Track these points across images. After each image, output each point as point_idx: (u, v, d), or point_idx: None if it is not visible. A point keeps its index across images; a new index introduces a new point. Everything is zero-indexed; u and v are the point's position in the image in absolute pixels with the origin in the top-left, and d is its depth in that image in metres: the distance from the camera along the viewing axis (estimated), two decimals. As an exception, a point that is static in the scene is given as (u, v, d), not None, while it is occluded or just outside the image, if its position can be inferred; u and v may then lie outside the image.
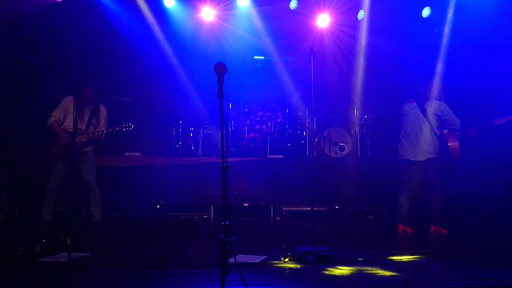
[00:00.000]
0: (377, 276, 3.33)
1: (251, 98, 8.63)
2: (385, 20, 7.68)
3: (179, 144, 7.61)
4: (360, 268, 3.54)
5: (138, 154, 7.09)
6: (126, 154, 6.99)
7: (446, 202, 5.43)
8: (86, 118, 5.50)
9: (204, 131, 7.44)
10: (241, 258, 3.71)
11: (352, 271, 3.44)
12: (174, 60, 7.99)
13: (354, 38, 8.01)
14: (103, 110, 5.66)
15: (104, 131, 5.47)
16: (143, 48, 7.78)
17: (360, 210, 7.03)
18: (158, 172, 6.96)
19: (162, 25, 7.68)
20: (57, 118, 5.47)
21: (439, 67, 6.06)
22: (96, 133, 5.43)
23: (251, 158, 7.37)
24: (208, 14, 7.80)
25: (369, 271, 3.44)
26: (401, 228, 5.38)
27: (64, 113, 5.49)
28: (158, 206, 6.70)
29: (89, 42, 7.00)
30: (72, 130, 5.13)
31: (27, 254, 3.85)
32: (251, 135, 8.31)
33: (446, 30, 7.10)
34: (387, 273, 3.38)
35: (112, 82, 7.53)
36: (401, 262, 3.82)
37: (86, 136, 5.39)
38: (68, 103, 5.53)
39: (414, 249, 4.38)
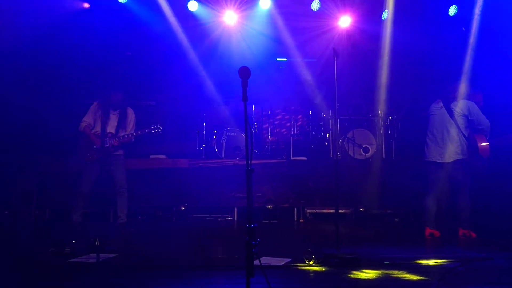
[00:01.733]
0: (403, 280, 3.27)
1: (274, 100, 8.64)
2: (410, 19, 7.56)
3: (202, 147, 7.68)
4: (386, 271, 3.49)
5: (163, 156, 7.20)
6: (151, 156, 7.11)
7: (476, 205, 5.28)
8: (115, 122, 5.63)
9: (227, 133, 7.48)
10: (265, 260, 3.72)
11: (378, 275, 3.39)
12: (197, 63, 8.08)
13: (377, 38, 7.90)
14: (131, 113, 5.77)
15: (134, 133, 5.60)
16: (167, 52, 7.91)
17: (386, 213, 6.91)
18: (182, 174, 7.05)
19: (186, 29, 7.79)
20: (87, 123, 5.63)
21: (467, 66, 5.92)
22: (126, 136, 5.56)
23: (274, 160, 7.37)
24: (230, 17, 7.85)
25: (395, 275, 3.39)
26: (428, 231, 5.26)
27: (94, 118, 5.64)
28: (183, 208, 6.77)
29: (115, 47, 7.16)
30: (109, 134, 5.45)
31: (57, 255, 3.96)
32: (274, 137, 8.32)
33: (474, 28, 6.92)
34: (414, 277, 3.32)
35: (137, 86, 7.66)
36: (428, 266, 3.74)
37: (116, 139, 5.53)
38: (97, 108, 5.68)
39: (442, 253, 4.27)
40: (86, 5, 7.32)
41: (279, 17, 7.86)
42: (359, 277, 3.34)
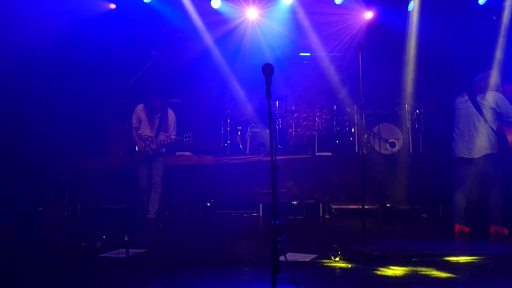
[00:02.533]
0: (432, 277, 3.22)
1: (298, 96, 8.62)
2: (437, 10, 7.37)
3: (227, 143, 7.75)
4: (414, 268, 3.44)
5: (189, 153, 7.31)
6: (177, 153, 7.23)
7: (507, 200, 5.12)
8: (156, 125, 5.91)
9: (252, 130, 7.52)
10: (290, 256, 3.73)
11: (406, 272, 3.35)
12: (221, 60, 8.14)
13: (403, 30, 7.75)
14: (171, 115, 6.01)
15: (173, 138, 5.82)
16: (191, 50, 8.01)
17: (413, 208, 6.78)
18: (207, 171, 7.13)
19: (209, 26, 7.85)
20: (133, 125, 5.93)
21: (497, 57, 5.73)
22: (165, 141, 5.82)
23: (299, 155, 7.36)
24: (253, 13, 7.86)
25: (423, 272, 3.34)
26: (457, 227, 5.14)
27: (138, 120, 5.95)
28: (208, 204, 6.85)
29: (140, 46, 7.30)
30: (145, 136, 5.81)
31: (89, 250, 4.10)
32: (298, 133, 8.29)
33: (505, 16, 6.67)
34: (443, 275, 3.26)
35: (162, 84, 7.79)
36: (458, 263, 3.66)
37: (155, 144, 5.80)
38: (139, 111, 5.97)
39: (472, 250, 4.15)
40: (113, 6, 7.50)
41: (302, 12, 7.82)
42: (386, 274, 3.31)
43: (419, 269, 3.43)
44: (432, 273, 3.32)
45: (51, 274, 3.41)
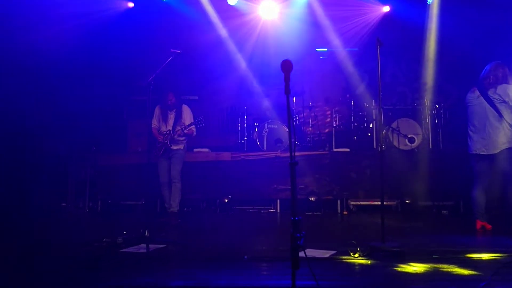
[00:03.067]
0: (453, 274, 3.17)
1: (315, 91, 8.57)
2: (458, 2, 7.22)
3: (244, 139, 7.76)
4: (434, 265, 3.40)
5: (206, 150, 7.36)
6: (195, 150, 7.28)
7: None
8: (171, 121, 6.02)
9: (269, 126, 7.51)
10: (309, 252, 3.72)
11: (426, 269, 3.31)
12: (238, 57, 8.15)
13: (422, 23, 7.62)
14: (186, 110, 6.11)
15: (182, 127, 5.88)
16: (207, 46, 8.04)
17: (433, 205, 6.69)
18: (225, 167, 7.18)
19: (226, 22, 7.87)
20: (154, 125, 6.10)
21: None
22: (181, 129, 5.88)
23: (316, 152, 7.32)
24: (269, 9, 7.84)
25: (444, 269, 3.29)
26: (479, 224, 5.04)
27: (158, 120, 6.10)
28: (226, 200, 6.90)
29: (158, 44, 7.37)
30: (163, 132, 5.95)
31: (110, 245, 4.18)
32: (315, 128, 8.25)
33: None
34: (465, 272, 3.21)
35: (179, 81, 7.86)
36: (480, 261, 3.60)
37: (172, 134, 5.90)
38: (157, 111, 6.13)
39: (495, 247, 4.07)
40: (131, 4, 7.59)
41: (318, 6, 7.77)
42: (406, 270, 3.28)
43: (440, 266, 3.38)
44: (453, 270, 3.27)
45: (75, 268, 3.49)
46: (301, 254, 2.54)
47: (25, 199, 6.91)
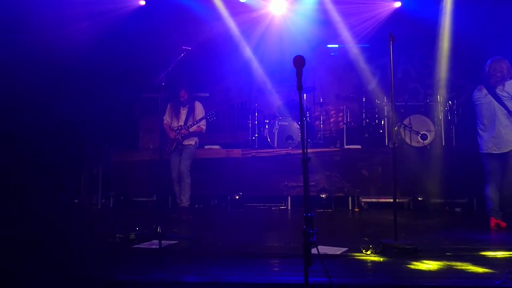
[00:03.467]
0: (468, 272, 3.14)
1: (326, 88, 8.52)
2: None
3: (255, 137, 7.76)
4: (448, 263, 3.36)
5: (217, 147, 7.39)
6: (206, 147, 7.31)
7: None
8: (184, 117, 6.04)
9: (280, 123, 7.49)
10: (321, 249, 3.67)
11: (440, 266, 3.28)
12: (249, 53, 8.14)
13: (435, 18, 7.52)
14: (198, 106, 6.12)
15: (195, 122, 5.93)
16: (218, 43, 8.05)
17: (446, 202, 6.61)
18: (235, 164, 7.20)
19: (237, 19, 7.86)
20: (165, 121, 6.10)
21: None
22: (194, 124, 5.94)
23: (327, 149, 7.30)
24: (279, 4, 7.81)
25: (458, 267, 3.26)
26: (493, 221, 4.97)
27: (170, 116, 6.12)
28: (237, 197, 6.91)
29: (170, 42, 7.41)
30: (175, 127, 5.97)
31: (123, 240, 4.22)
32: (326, 125, 8.22)
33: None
34: (480, 270, 3.17)
35: (191, 78, 7.88)
36: (495, 258, 3.55)
37: (185, 129, 5.93)
38: (169, 107, 6.14)
39: (510, 245, 4.02)
40: (142, 2, 7.63)
41: (329, 2, 7.71)
42: (419, 268, 3.25)
43: (454, 263, 3.34)
44: (468, 268, 3.23)
45: (88, 263, 3.54)
46: (313, 250, 2.54)
47: (39, 195, 7.01)
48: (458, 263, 3.34)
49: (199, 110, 6.09)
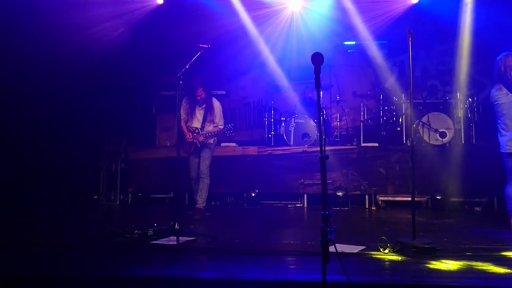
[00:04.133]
0: (489, 272, 3.09)
1: (343, 85, 8.46)
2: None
3: (271, 134, 7.75)
4: (468, 263, 3.31)
5: (234, 144, 7.40)
6: (222, 144, 7.34)
7: None
8: (201, 117, 5.90)
9: (296, 121, 7.47)
10: (338, 247, 3.65)
11: (460, 266, 3.23)
12: (265, 51, 8.13)
13: (454, 15, 7.38)
14: (216, 105, 5.96)
15: (220, 128, 5.80)
16: (235, 41, 8.05)
17: (465, 201, 6.50)
18: (252, 161, 7.21)
19: (253, 16, 7.86)
20: (183, 117, 5.91)
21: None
22: (211, 133, 5.81)
23: (344, 146, 7.25)
24: (296, 2, 7.78)
25: (479, 267, 3.20)
26: (515, 221, 4.87)
27: (186, 113, 5.95)
28: (253, 194, 6.91)
29: (187, 40, 7.45)
30: (192, 128, 5.84)
31: (142, 236, 4.28)
32: (343, 123, 8.16)
33: None
34: (501, 270, 3.12)
35: (208, 76, 7.92)
36: (517, 259, 3.48)
37: (202, 136, 5.80)
38: (184, 103, 5.95)
39: (532, 245, 3.94)
40: (160, 1, 7.70)
41: (347, -1, 7.64)
42: (438, 267, 3.21)
43: (474, 263, 3.29)
44: (488, 268, 3.18)
45: (106, 258, 3.61)
46: (331, 248, 2.53)
47: (59, 192, 7.17)
48: (479, 263, 3.28)
49: (217, 110, 5.92)
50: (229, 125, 5.74)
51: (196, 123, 5.91)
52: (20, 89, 6.78)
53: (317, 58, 2.63)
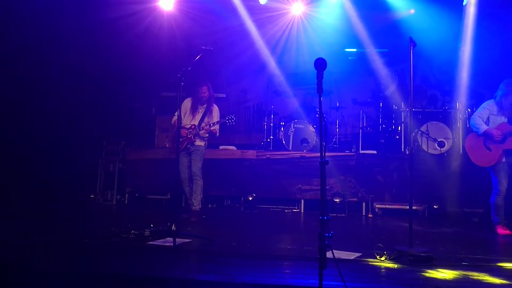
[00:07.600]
0: (484, 283, 3.08)
1: (343, 92, 8.48)
2: (495, 3, 7.00)
3: (270, 139, 7.75)
4: (464, 272, 3.31)
5: (232, 147, 7.40)
6: (221, 147, 7.33)
7: None
8: (199, 116, 5.87)
9: (295, 126, 7.48)
10: (335, 253, 3.68)
11: (456, 276, 3.23)
12: (267, 55, 8.15)
13: (456, 25, 7.42)
14: (215, 110, 5.95)
15: (211, 124, 5.76)
16: (236, 45, 8.08)
17: (462, 211, 6.51)
18: (250, 165, 7.20)
19: (255, 21, 7.89)
20: (177, 116, 5.79)
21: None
22: (209, 125, 5.75)
23: (342, 153, 7.25)
24: (299, 8, 7.81)
25: (475, 277, 3.20)
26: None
27: (184, 112, 5.90)
28: (251, 198, 6.91)
29: (189, 42, 7.48)
30: (187, 125, 5.73)
31: (138, 237, 4.26)
32: (342, 129, 8.16)
33: None
34: (497, 281, 3.11)
35: (209, 78, 7.91)
36: (513, 270, 3.48)
37: (197, 130, 5.76)
38: (186, 103, 5.94)
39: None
40: (169, 7, 7.72)
41: (349, 6, 7.67)
42: (434, 276, 3.20)
43: (470, 273, 3.29)
44: (484, 278, 3.18)
45: (103, 257, 3.59)
46: (328, 254, 2.53)
47: (56, 190, 7.15)
48: (475, 274, 3.28)
49: (216, 115, 5.90)
50: (231, 116, 5.74)
51: (194, 121, 5.84)
52: (19, 89, 6.78)
53: (320, 63, 2.65)
